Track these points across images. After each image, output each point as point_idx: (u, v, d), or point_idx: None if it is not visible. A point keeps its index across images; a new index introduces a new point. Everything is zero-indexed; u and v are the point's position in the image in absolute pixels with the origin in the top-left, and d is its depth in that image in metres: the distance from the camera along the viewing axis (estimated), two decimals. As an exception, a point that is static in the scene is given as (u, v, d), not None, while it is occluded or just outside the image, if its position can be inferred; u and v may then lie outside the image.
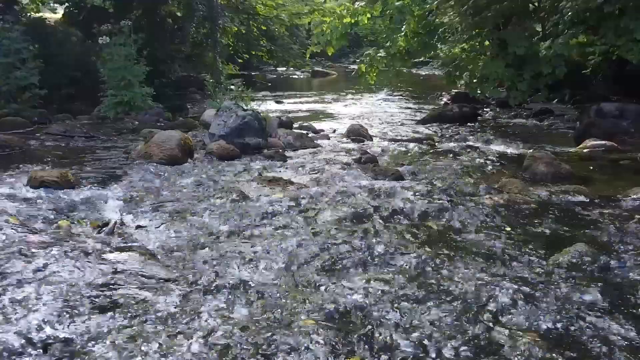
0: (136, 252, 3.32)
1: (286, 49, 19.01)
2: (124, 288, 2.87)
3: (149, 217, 4.42)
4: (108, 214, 4.56)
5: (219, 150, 7.05)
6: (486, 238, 3.89)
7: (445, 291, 3.02)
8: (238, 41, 18.13)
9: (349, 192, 5.23)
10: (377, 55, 11.36)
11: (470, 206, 4.65)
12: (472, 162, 7.45)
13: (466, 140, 9.44)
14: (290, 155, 7.39)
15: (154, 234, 3.94)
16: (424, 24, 11.23)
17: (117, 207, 4.72)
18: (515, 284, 3.06)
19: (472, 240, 3.87)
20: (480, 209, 4.60)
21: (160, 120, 10.17)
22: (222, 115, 7.74)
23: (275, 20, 18.28)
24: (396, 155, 7.87)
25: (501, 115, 12.42)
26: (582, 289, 3.00)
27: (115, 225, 3.88)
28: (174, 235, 3.92)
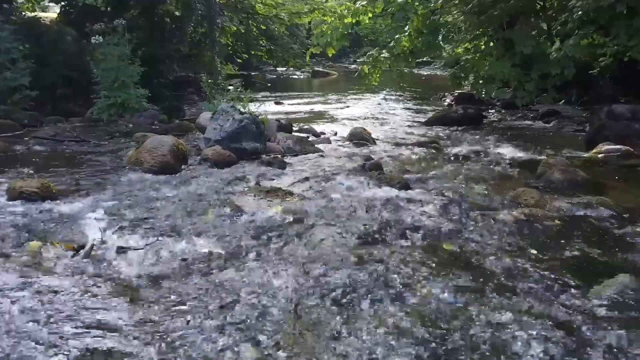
0: (110, 284, 2.83)
1: (286, 48, 18.50)
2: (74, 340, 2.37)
3: (132, 236, 3.93)
4: (89, 231, 4.07)
5: (215, 156, 6.55)
6: (510, 265, 3.40)
7: (467, 335, 2.53)
8: (237, 41, 17.63)
9: (353, 206, 4.75)
10: (380, 55, 10.85)
11: (488, 223, 4.17)
12: (482, 169, 6.96)
13: (472, 143, 8.95)
14: (290, 162, 6.89)
15: (135, 258, 3.45)
16: (428, 23, 10.73)
17: (99, 223, 4.23)
18: (550, 327, 2.58)
19: (494, 268, 3.38)
20: (499, 227, 4.12)
21: (155, 123, 9.68)
22: (218, 119, 7.25)
23: (275, 19, 17.78)
24: (401, 160, 7.37)
25: (507, 116, 11.92)
26: (636, 335, 2.51)
27: (92, 248, 3.39)
28: (158, 261, 3.43)
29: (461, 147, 8.62)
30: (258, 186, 5.46)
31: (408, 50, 10.95)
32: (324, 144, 8.48)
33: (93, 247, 3.41)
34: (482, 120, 11.32)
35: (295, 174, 6.25)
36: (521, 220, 4.29)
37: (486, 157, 7.78)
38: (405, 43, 10.78)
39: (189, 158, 6.75)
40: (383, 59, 10.86)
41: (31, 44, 11.79)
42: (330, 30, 10.37)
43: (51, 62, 12.18)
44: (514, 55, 10.29)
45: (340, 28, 10.36)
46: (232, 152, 6.92)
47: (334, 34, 10.35)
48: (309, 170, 6.42)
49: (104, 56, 9.83)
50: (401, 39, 10.76)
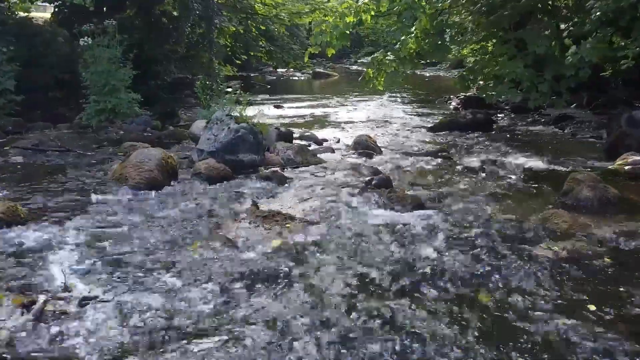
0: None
1: (286, 49, 17.77)
2: None
3: (102, 280, 3.24)
4: (52, 271, 3.38)
5: (208, 171, 5.86)
6: (567, 328, 2.71)
7: None
8: (236, 41, 16.90)
9: (361, 236, 4.07)
10: (385, 58, 10.13)
11: (524, 262, 3.48)
12: (500, 183, 6.27)
13: (485, 152, 8.27)
14: (290, 176, 6.20)
15: (100, 315, 2.76)
16: (435, 24, 10.01)
17: (66, 259, 3.54)
18: None
19: (547, 334, 2.68)
20: (538, 268, 3.43)
21: (147, 130, 8.98)
22: (212, 128, 6.56)
23: (275, 19, 17.05)
24: (411, 174, 6.68)
25: (517, 121, 11.22)
26: None
27: (44, 305, 2.70)
28: (128, 319, 2.74)
29: (473, 156, 7.94)
30: (254, 208, 4.76)
31: (414, 52, 10.23)
32: (327, 153, 7.79)
33: (46, 303, 2.72)
34: (492, 125, 10.63)
35: (296, 191, 5.56)
36: (563, 258, 3.59)
37: (502, 169, 7.09)
38: (411, 45, 10.05)
39: (180, 172, 6.06)
40: (388, 62, 10.14)
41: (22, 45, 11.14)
42: (331, 28, 9.60)
43: (43, 64, 11.53)
44: (526, 56, 9.57)
45: (341, 26, 9.59)
46: (228, 164, 6.24)
47: (334, 33, 9.58)
48: (310, 186, 5.73)
49: (94, 59, 9.14)
50: (407, 40, 10.03)
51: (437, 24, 10.21)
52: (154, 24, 15.36)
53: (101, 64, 9.10)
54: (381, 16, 11.89)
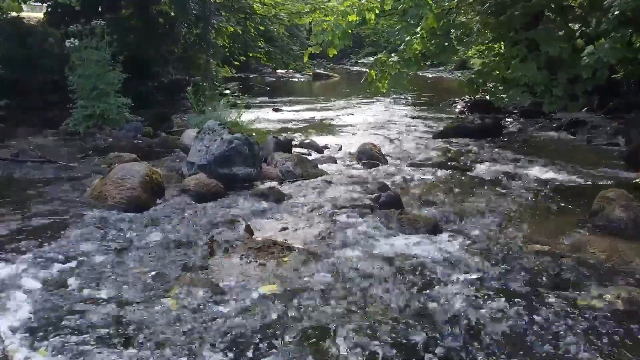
0: None
1: (285, 50, 17.07)
2: None
3: (56, 339, 2.59)
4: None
5: (197, 187, 5.22)
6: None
7: None
8: (234, 42, 16.20)
9: (372, 273, 3.43)
10: (389, 60, 9.47)
11: (568, 316, 2.83)
12: (519, 200, 5.62)
13: (497, 161, 7.62)
14: (289, 191, 5.55)
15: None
16: (442, 24, 9.34)
17: (12, 310, 2.90)
18: None
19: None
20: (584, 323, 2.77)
21: (137, 137, 8.32)
22: (203, 139, 5.91)
23: (274, 19, 16.36)
24: (421, 188, 6.03)
25: (527, 126, 10.56)
26: None
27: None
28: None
29: (485, 166, 7.30)
30: (248, 234, 4.12)
31: (420, 53, 9.56)
32: (329, 163, 7.14)
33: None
34: (501, 131, 9.98)
35: (295, 211, 4.91)
36: (620, 311, 2.93)
37: (518, 181, 6.44)
38: (416, 46, 9.39)
39: (168, 188, 5.40)
40: (392, 64, 9.48)
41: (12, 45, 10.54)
42: (332, 27, 8.90)
43: (34, 66, 10.91)
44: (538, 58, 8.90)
45: (343, 25, 8.89)
46: (220, 179, 5.60)
47: (336, 32, 8.88)
48: (311, 205, 5.08)
49: (81, 61, 8.48)
50: (412, 41, 9.36)
51: (444, 24, 9.55)
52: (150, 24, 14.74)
53: (89, 67, 8.44)
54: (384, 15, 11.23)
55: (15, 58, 10.40)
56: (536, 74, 8.61)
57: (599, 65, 8.45)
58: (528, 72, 8.57)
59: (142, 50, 14.49)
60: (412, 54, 9.52)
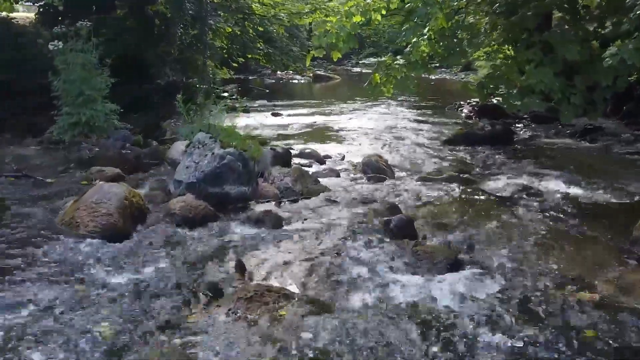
0: None
1: (285, 51, 16.36)
2: None
3: None
4: None
5: (183, 211, 4.52)
6: None
7: None
8: (233, 43, 15.50)
9: (386, 330, 2.74)
10: (394, 63, 8.75)
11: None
12: (546, 223, 4.94)
13: (512, 173, 6.93)
14: (287, 215, 4.86)
15: None
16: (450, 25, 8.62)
17: None
18: None
19: None
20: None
21: (126, 147, 7.61)
22: (192, 154, 5.21)
23: (273, 20, 15.65)
24: (434, 209, 5.35)
25: (539, 133, 9.86)
26: None
27: None
28: None
29: (500, 179, 6.62)
30: (238, 276, 3.43)
31: (427, 56, 8.85)
32: (331, 177, 6.45)
33: None
34: (513, 138, 9.29)
35: (294, 241, 4.22)
36: None
37: (540, 199, 5.76)
38: (424, 48, 8.67)
39: (153, 209, 4.71)
40: (397, 67, 8.76)
41: (1, 47, 9.95)
42: (336, 29, 8.15)
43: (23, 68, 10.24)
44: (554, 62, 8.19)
45: (347, 27, 8.15)
46: (211, 199, 4.92)
47: (340, 34, 8.13)
48: (312, 233, 4.39)
49: (66, 65, 7.77)
50: (419, 43, 8.63)
51: (452, 25, 8.84)
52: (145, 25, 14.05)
53: (74, 71, 7.73)
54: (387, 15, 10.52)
55: (1, 59, 9.76)
56: (553, 81, 7.88)
57: (621, 68, 7.78)
58: (544, 79, 7.85)
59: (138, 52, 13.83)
60: (419, 56, 8.80)
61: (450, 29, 8.84)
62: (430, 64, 9.39)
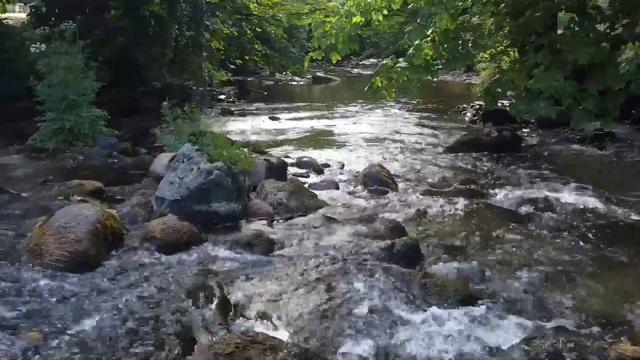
0: None
1: (284, 53, 15.83)
2: None
3: None
4: None
5: (165, 234, 4.01)
6: None
7: None
8: (230, 45, 14.97)
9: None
10: (396, 66, 8.25)
11: None
12: (565, 245, 4.44)
13: (523, 185, 6.43)
14: (281, 237, 4.35)
15: None
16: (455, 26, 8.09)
17: None
18: None
19: None
20: None
21: (112, 155, 7.11)
22: (177, 168, 4.70)
23: (272, 20, 15.13)
24: (441, 228, 4.83)
25: (547, 139, 9.34)
26: None
27: None
28: None
29: (510, 192, 6.09)
30: (219, 320, 2.92)
31: (431, 59, 8.33)
32: (330, 190, 5.94)
33: None
34: (520, 144, 8.77)
35: (287, 270, 3.70)
36: None
37: (555, 214, 5.26)
38: (427, 51, 8.16)
39: (129, 235, 4.19)
40: (400, 71, 8.25)
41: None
42: (336, 30, 7.61)
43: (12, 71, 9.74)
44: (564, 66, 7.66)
45: (347, 28, 7.62)
46: (197, 218, 4.42)
47: (339, 35, 7.59)
48: (307, 260, 3.87)
49: (49, 69, 7.27)
50: (422, 45, 8.11)
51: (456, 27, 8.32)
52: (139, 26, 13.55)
53: (58, 75, 7.23)
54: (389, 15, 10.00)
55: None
56: (563, 85, 7.36)
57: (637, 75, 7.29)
58: (554, 82, 7.32)
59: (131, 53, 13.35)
60: (422, 59, 8.28)
61: (455, 30, 8.34)
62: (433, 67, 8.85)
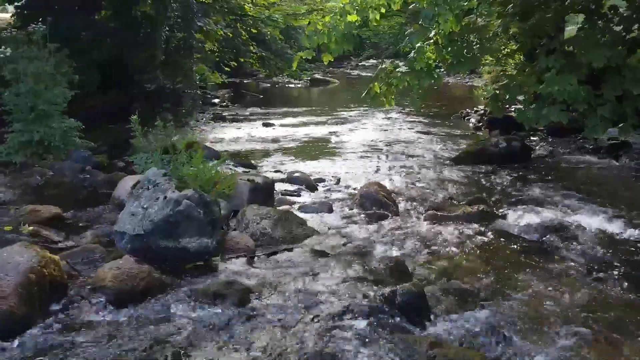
0: None
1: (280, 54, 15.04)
2: None
3: None
4: None
5: (118, 283, 3.25)
6: None
7: None
8: (224, 46, 14.19)
9: None
10: (396, 70, 7.46)
11: None
12: (598, 287, 3.69)
13: (539, 204, 5.66)
14: (259, 281, 3.58)
15: None
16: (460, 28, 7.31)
17: None
18: None
19: None
20: None
21: (85, 170, 6.36)
22: (140, 197, 3.93)
23: (268, 21, 14.34)
24: (449, 264, 4.07)
25: (558, 148, 8.56)
26: None
27: None
28: None
29: (524, 214, 5.34)
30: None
31: (433, 63, 7.55)
32: (322, 213, 5.18)
33: None
34: (530, 155, 8.00)
35: (262, 329, 2.94)
36: None
37: (581, 244, 4.55)
38: (430, 54, 7.37)
39: (74, 284, 3.43)
40: (400, 75, 7.46)
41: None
42: (328, 29, 6.78)
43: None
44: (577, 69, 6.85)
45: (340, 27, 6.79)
46: (163, 256, 3.67)
47: (332, 34, 6.75)
48: (289, 314, 3.11)
49: (15, 75, 6.50)
50: (424, 48, 7.32)
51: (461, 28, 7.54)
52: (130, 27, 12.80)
53: (27, 83, 6.46)
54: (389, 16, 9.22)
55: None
56: (578, 90, 6.55)
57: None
58: (567, 87, 6.51)
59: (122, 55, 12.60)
60: (424, 63, 7.48)
61: (459, 32, 7.56)
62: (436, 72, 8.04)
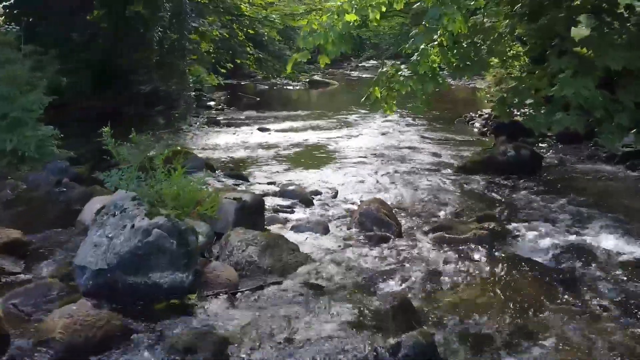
0: None
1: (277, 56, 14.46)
2: None
3: None
4: None
5: (69, 334, 2.70)
6: None
7: None
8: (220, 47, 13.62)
9: None
10: (398, 74, 6.89)
11: None
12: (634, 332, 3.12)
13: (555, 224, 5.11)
14: (240, 328, 3.02)
15: None
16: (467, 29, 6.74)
17: None
18: None
19: None
20: None
21: (62, 182, 5.80)
22: (105, 224, 3.37)
23: (265, 22, 13.77)
24: (462, 302, 3.50)
25: (569, 156, 7.99)
26: None
27: None
28: None
29: (539, 234, 4.83)
30: None
31: (438, 67, 6.97)
32: (317, 234, 4.62)
33: None
34: (540, 164, 7.42)
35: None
36: None
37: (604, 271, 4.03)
38: (434, 57, 6.80)
39: (18, 333, 2.87)
40: (403, 80, 6.87)
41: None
42: (325, 29, 6.16)
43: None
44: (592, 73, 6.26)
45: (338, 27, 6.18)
46: (129, 294, 3.12)
47: (328, 35, 6.12)
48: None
49: (-13, 80, 5.96)
50: (428, 51, 6.73)
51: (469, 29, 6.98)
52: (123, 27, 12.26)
53: (0, 88, 5.92)
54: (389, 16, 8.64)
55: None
56: (594, 95, 5.96)
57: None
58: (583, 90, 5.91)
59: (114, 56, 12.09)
60: (428, 67, 6.90)
61: (466, 34, 7.00)
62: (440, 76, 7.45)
